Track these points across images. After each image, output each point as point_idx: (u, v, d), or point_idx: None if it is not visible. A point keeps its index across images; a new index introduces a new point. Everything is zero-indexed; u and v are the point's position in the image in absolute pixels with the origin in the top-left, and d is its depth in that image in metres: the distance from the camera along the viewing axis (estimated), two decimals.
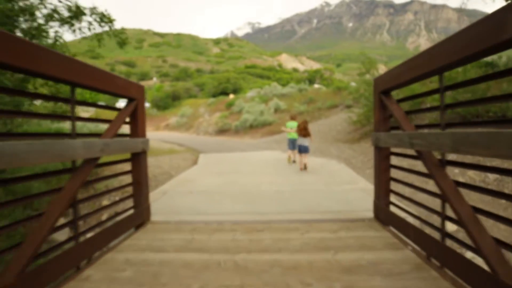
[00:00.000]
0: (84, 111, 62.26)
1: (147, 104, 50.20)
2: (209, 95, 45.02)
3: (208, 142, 19.53)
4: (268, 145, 16.60)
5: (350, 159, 10.00)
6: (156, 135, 27.95)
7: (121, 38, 8.55)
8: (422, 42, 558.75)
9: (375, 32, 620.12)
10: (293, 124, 10.12)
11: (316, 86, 35.79)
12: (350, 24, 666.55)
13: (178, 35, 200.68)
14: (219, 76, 47.67)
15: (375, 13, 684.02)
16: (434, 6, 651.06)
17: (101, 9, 8.10)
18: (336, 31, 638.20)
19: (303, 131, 8.74)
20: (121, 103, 65.54)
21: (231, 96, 39.31)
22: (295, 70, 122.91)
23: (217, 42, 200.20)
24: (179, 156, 12.56)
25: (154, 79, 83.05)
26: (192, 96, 47.13)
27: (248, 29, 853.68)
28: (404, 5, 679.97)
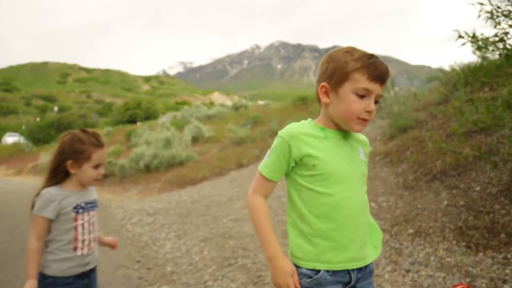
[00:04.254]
0: None
1: (14, 137, 36.91)
2: (113, 123, 33.20)
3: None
4: (177, 225, 5.78)
5: None
6: None
7: None
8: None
9: (303, 74, 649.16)
10: None
11: (260, 102, 26.02)
12: (279, 66, 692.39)
13: (107, 71, 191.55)
14: (128, 101, 36.38)
15: (302, 56, 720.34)
16: None
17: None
18: (266, 72, 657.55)
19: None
20: (8, 138, 51.01)
21: (139, 124, 28.05)
22: None
23: (147, 79, 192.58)
24: None
25: (55, 108, 68.67)
26: (89, 125, 34.84)
27: (180, 68, 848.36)
28: (328, 50, 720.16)
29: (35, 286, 1.58)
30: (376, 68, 1.20)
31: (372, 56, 1.23)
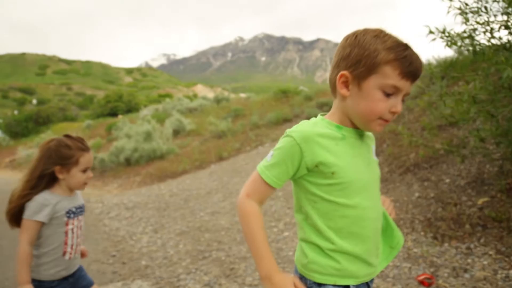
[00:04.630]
0: None
1: None
2: (94, 116, 32.62)
3: None
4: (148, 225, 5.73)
5: None
6: None
7: None
8: (328, 76, 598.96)
9: (286, 66, 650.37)
10: None
11: (242, 95, 26.00)
12: (263, 59, 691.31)
13: (87, 62, 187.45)
14: (109, 93, 35.79)
15: (286, 49, 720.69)
16: (337, 45, 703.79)
17: None
18: (250, 65, 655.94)
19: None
20: None
21: (120, 117, 27.66)
22: None
23: (130, 71, 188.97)
24: None
25: (34, 101, 67.01)
26: (69, 119, 34.16)
27: (163, 60, 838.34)
28: (312, 42, 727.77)
29: None
30: (411, 63, 0.98)
31: (407, 47, 0.99)
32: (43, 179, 1.65)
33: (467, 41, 3.50)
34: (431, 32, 3.49)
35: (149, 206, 6.36)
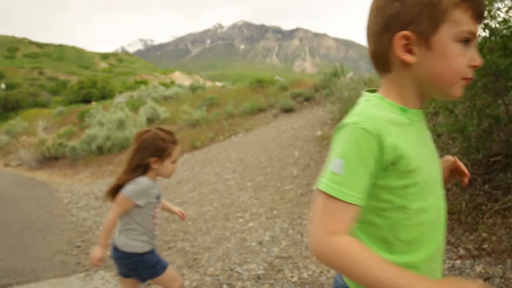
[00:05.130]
0: None
1: None
2: (67, 102, 31.82)
3: None
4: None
5: None
6: None
7: None
8: (307, 66, 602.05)
9: (266, 55, 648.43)
10: None
11: (218, 84, 25.90)
12: (242, 47, 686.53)
13: (61, 46, 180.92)
14: (82, 79, 34.85)
15: (265, 37, 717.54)
16: (316, 35, 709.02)
17: None
18: (229, 53, 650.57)
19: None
20: None
21: (93, 104, 27.08)
22: None
23: (105, 56, 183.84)
24: None
25: (3, 85, 64.48)
26: (40, 105, 33.18)
27: (140, 46, 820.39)
28: (291, 31, 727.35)
29: (105, 255, 1.83)
30: (480, 2, 0.77)
31: None
32: (140, 167, 1.86)
33: None
34: None
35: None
